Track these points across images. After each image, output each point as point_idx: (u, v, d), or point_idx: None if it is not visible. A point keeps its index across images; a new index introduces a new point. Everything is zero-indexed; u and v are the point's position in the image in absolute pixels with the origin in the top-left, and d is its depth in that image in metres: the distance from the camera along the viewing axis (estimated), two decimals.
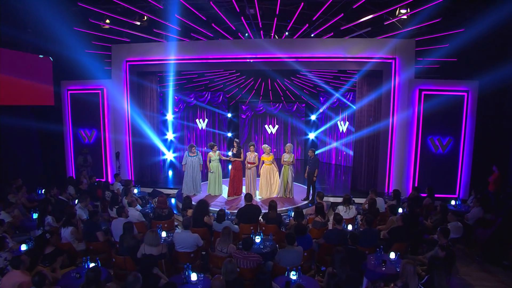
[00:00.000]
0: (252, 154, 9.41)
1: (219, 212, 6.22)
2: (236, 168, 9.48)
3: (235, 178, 9.48)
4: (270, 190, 9.49)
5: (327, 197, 9.70)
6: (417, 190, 8.12)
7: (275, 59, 9.96)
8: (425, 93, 9.54)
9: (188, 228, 5.37)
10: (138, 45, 10.68)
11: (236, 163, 9.48)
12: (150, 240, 4.85)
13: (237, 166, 9.50)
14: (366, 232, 5.63)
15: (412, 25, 9.43)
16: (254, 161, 9.36)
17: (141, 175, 11.52)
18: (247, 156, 9.46)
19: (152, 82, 11.23)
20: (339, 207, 7.20)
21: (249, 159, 9.38)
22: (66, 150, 11.39)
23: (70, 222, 5.58)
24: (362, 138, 10.42)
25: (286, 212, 7.69)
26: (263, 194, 9.44)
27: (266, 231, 6.35)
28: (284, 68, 10.77)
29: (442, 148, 9.68)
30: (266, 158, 9.39)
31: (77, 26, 9.90)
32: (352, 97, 13.32)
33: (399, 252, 5.28)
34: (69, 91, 11.11)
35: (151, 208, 7.44)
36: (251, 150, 9.44)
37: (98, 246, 5.62)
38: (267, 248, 5.51)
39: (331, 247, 5.72)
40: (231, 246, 5.11)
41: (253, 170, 9.40)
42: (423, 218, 7.11)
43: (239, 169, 9.52)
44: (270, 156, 9.42)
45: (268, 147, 9.53)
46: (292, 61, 9.96)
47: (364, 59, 9.77)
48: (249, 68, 11.24)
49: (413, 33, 9.67)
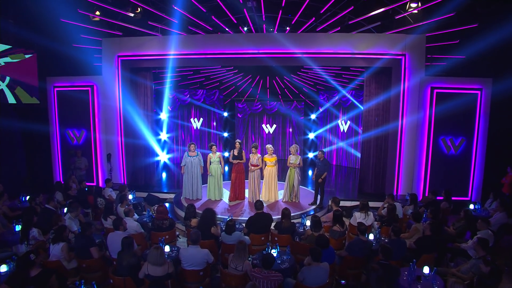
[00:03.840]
0: (256, 156, 8.76)
1: (229, 222, 5.58)
2: (238, 171, 8.85)
3: (236, 182, 8.85)
4: (274, 193, 8.91)
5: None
6: (435, 194, 7.64)
7: (278, 54, 9.38)
8: (438, 91, 9.10)
9: (197, 242, 4.72)
10: (131, 39, 9.95)
11: (238, 166, 8.85)
12: (155, 259, 4.18)
13: (239, 168, 8.86)
14: (395, 244, 5.08)
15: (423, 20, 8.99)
16: (257, 163, 8.74)
17: (134, 178, 10.77)
18: (250, 158, 8.84)
19: (146, 79, 10.48)
20: (356, 214, 6.66)
21: (253, 161, 8.74)
22: (53, 152, 10.56)
23: (61, 237, 4.85)
24: (370, 138, 9.93)
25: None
26: (267, 197, 8.85)
27: (279, 242, 5.76)
28: (287, 64, 10.16)
29: (455, 149, 9.26)
30: (269, 159, 8.79)
31: (64, 17, 9.10)
32: (354, 95, 12.85)
33: (429, 265, 4.78)
34: (56, 88, 10.28)
35: (149, 217, 6.74)
36: (253, 151, 8.81)
37: (92, 263, 4.90)
38: (285, 263, 4.92)
39: (354, 260, 5.21)
40: (247, 263, 4.50)
41: (256, 172, 8.77)
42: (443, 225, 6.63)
43: (241, 171, 8.89)
44: (273, 157, 8.84)
45: (271, 147, 8.91)
46: (296, 56, 9.38)
47: (372, 55, 9.28)
48: (249, 64, 10.59)
49: (424, 29, 9.22)
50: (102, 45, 10.04)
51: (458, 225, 6.46)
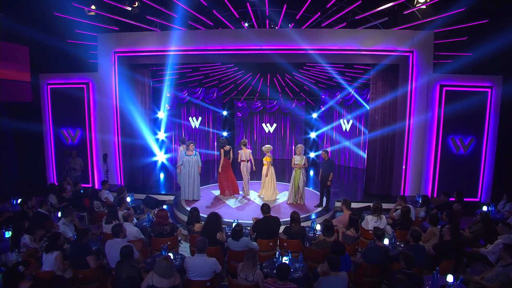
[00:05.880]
0: (245, 151, 9.12)
1: (236, 228, 5.22)
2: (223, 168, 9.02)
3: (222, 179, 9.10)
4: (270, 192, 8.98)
5: (338, 202, 8.86)
6: (447, 195, 7.34)
7: (282, 50, 9.08)
8: (447, 89, 8.83)
9: (203, 251, 4.34)
10: (129, 34, 9.57)
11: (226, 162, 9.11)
12: (163, 271, 3.80)
13: (224, 165, 9.05)
14: (414, 250, 4.75)
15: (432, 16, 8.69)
16: (246, 159, 9.08)
17: (132, 179, 10.38)
18: (239, 154, 9.14)
19: (144, 76, 10.08)
20: (367, 217, 6.33)
21: (242, 157, 9.08)
22: (46, 152, 10.12)
23: (55, 245, 4.44)
24: (376, 138, 9.63)
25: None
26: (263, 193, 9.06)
27: (289, 248, 5.43)
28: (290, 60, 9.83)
29: (464, 149, 8.99)
30: (265, 159, 9.03)
31: (58, 11, 8.65)
32: (357, 93, 12.53)
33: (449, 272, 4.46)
34: (49, 86, 9.87)
35: (149, 221, 6.35)
36: (242, 148, 9.19)
37: (89, 274, 4.51)
38: (298, 272, 4.57)
39: (371, 268, 4.88)
40: (258, 273, 4.15)
41: (247, 166, 9.10)
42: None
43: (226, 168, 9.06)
44: (267, 157, 8.97)
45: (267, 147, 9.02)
46: (300, 53, 9.08)
47: (379, 52, 9.05)
48: (251, 60, 10.22)
49: (432, 25, 8.91)
50: (98, 40, 9.64)
51: (475, 229, 6.15)
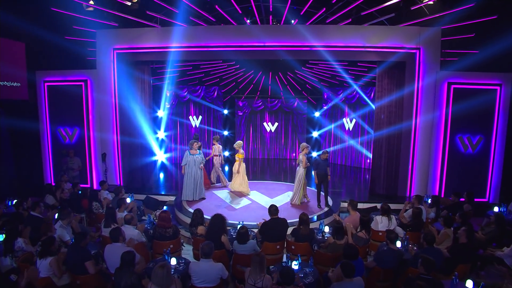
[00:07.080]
0: (218, 146, 9.82)
1: (240, 230, 4.98)
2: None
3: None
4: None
5: (343, 203, 8.66)
6: (458, 195, 7.11)
7: (286, 46, 8.84)
8: (455, 86, 8.61)
9: (209, 256, 4.10)
10: (128, 31, 9.30)
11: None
12: (159, 280, 3.51)
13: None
14: (431, 253, 4.52)
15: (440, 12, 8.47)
16: (218, 153, 9.86)
17: (131, 179, 10.13)
18: (212, 149, 9.83)
19: (144, 73, 9.84)
20: (377, 218, 6.10)
21: (216, 152, 9.82)
22: (43, 152, 9.86)
23: (49, 251, 4.19)
24: (382, 137, 9.43)
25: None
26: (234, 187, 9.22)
27: (297, 251, 5.20)
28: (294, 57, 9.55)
29: (472, 148, 8.78)
30: (237, 155, 9.23)
31: (56, 6, 8.40)
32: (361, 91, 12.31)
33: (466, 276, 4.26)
34: (46, 83, 9.59)
35: (150, 223, 6.10)
36: (215, 143, 9.81)
37: (87, 280, 4.26)
38: (309, 277, 4.34)
39: (384, 272, 4.65)
40: (267, 278, 3.92)
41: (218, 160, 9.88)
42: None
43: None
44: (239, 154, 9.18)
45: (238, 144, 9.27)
46: (305, 49, 8.85)
47: (385, 49, 8.82)
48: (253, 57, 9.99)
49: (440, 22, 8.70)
50: (96, 37, 9.37)
51: (488, 230, 5.94)
